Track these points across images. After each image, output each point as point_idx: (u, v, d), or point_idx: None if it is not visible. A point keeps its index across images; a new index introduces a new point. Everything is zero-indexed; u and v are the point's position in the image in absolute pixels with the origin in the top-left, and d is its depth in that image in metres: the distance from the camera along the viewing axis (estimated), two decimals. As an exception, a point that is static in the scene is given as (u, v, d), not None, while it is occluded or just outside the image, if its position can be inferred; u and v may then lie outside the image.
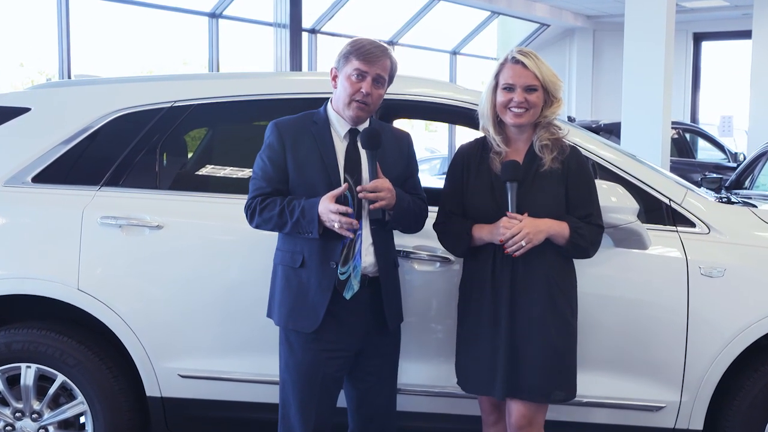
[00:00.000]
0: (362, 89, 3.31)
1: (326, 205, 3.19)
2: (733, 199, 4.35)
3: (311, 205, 3.23)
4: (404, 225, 3.44)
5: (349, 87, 3.32)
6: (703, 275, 3.66)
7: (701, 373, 3.68)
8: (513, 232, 3.22)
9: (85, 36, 11.77)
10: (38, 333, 3.90)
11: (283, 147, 3.36)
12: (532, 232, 3.23)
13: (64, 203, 3.93)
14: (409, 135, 3.59)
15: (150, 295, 3.87)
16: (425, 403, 3.82)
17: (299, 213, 3.24)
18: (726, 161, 13.58)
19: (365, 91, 3.31)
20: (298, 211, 3.24)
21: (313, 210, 3.22)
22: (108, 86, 4.28)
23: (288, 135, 3.38)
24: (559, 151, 3.37)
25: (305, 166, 3.34)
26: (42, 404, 3.92)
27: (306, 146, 3.36)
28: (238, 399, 3.89)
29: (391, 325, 3.43)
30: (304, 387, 3.38)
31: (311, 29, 15.21)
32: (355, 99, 3.32)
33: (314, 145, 3.36)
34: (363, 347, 3.43)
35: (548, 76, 3.35)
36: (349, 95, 3.33)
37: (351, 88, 3.32)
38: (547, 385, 3.32)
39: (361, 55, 3.31)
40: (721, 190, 7.19)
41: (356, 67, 3.31)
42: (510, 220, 3.25)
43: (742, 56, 18.23)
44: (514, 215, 3.26)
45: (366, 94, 3.31)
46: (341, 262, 3.31)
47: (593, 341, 3.67)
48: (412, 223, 3.46)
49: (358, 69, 3.31)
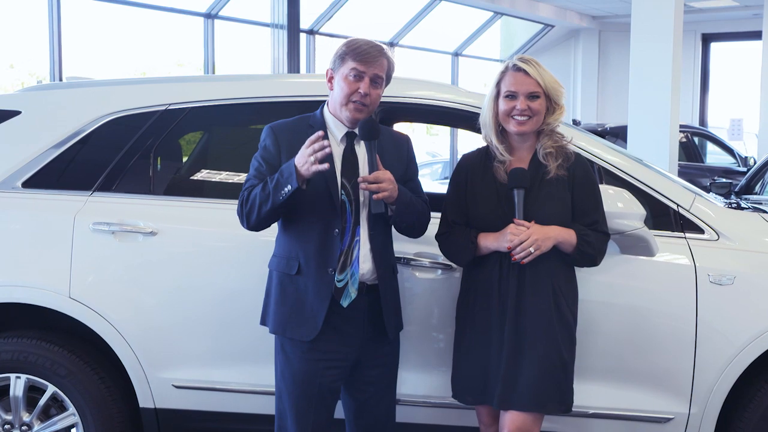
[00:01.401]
0: (360, 89, 3.27)
1: (301, 150, 3.14)
2: (743, 205, 4.32)
3: (288, 163, 3.19)
4: (407, 221, 3.37)
5: (346, 87, 3.28)
6: (712, 283, 3.62)
7: (710, 383, 3.62)
8: (521, 239, 3.22)
9: (77, 37, 11.79)
10: (28, 342, 3.85)
11: (278, 150, 3.32)
12: (541, 239, 3.23)
13: (55, 209, 3.89)
14: (408, 138, 3.56)
15: (143, 304, 3.83)
16: (425, 414, 3.77)
17: (278, 175, 3.19)
18: (736, 165, 13.54)
19: (363, 91, 3.27)
20: (277, 174, 3.20)
21: (290, 164, 3.16)
22: (100, 89, 4.24)
23: (284, 138, 3.34)
24: (564, 159, 3.36)
25: None
26: (32, 416, 3.87)
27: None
28: (234, 410, 3.84)
29: (390, 334, 3.39)
30: (300, 397, 3.33)
31: (309, 30, 15.16)
32: (352, 99, 3.28)
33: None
34: (361, 357, 3.38)
35: (550, 83, 3.33)
36: (346, 95, 3.28)
37: (348, 88, 3.28)
38: (546, 395, 3.29)
39: (357, 55, 3.27)
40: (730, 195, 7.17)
41: (353, 67, 3.27)
42: (518, 227, 3.24)
43: (752, 57, 18.18)
44: (521, 222, 3.25)
45: (364, 95, 3.27)
46: (338, 269, 3.26)
47: (599, 350, 3.64)
48: (416, 221, 3.40)
49: (355, 69, 3.27)
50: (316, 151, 3.09)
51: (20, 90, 4.54)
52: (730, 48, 20.55)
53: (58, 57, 11.05)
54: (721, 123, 18.71)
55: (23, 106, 4.07)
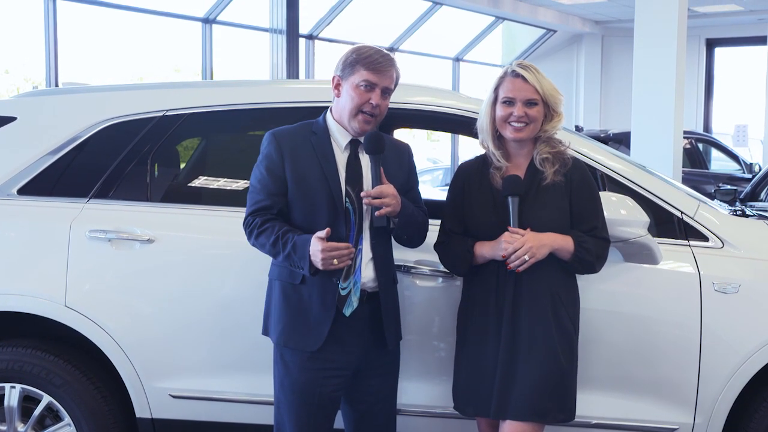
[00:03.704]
0: (371, 101, 3.24)
1: (316, 247, 3.13)
2: (747, 212, 4.30)
3: (303, 242, 3.17)
4: (408, 234, 3.36)
5: (357, 97, 3.25)
6: (716, 291, 3.60)
7: (715, 393, 3.60)
8: (515, 247, 3.19)
9: (73, 42, 11.79)
10: (23, 351, 3.82)
11: (281, 157, 3.29)
12: (535, 247, 3.20)
13: (51, 216, 3.86)
14: (409, 147, 3.53)
15: (140, 312, 3.80)
16: (426, 424, 3.73)
17: (291, 248, 3.18)
18: (740, 172, 13.53)
19: (374, 102, 3.25)
20: (290, 246, 3.18)
21: (304, 248, 3.16)
22: (97, 94, 4.21)
23: (286, 145, 3.31)
24: (561, 164, 3.34)
25: (305, 178, 3.27)
26: (27, 426, 3.83)
27: (306, 157, 3.29)
28: (233, 420, 3.81)
29: (390, 343, 3.36)
30: (300, 407, 3.30)
31: (309, 35, 15.15)
32: (363, 110, 3.25)
33: (314, 156, 3.29)
34: (361, 366, 3.36)
35: (549, 90, 3.31)
36: (357, 106, 3.25)
37: (359, 98, 3.25)
38: (545, 406, 3.26)
39: (369, 64, 3.24)
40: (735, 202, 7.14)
41: (365, 78, 3.24)
42: (512, 235, 3.22)
43: (757, 63, 18.16)
44: (516, 230, 3.23)
45: (375, 106, 3.25)
46: (342, 278, 3.24)
47: (602, 360, 3.62)
48: (416, 233, 3.39)
49: (367, 80, 3.24)
50: (342, 257, 3.13)
51: (16, 96, 4.53)
52: (734, 53, 20.54)
53: (54, 62, 11.04)
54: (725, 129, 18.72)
55: (18, 112, 4.05)
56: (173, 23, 13.46)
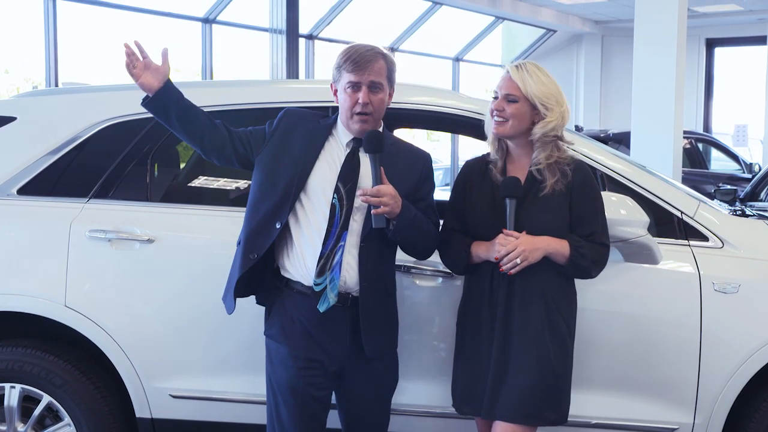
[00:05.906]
0: (359, 100, 3.24)
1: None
2: (747, 212, 4.30)
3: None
4: (409, 240, 3.31)
5: (347, 100, 3.27)
6: (716, 291, 3.59)
7: (715, 393, 3.59)
8: (508, 250, 3.17)
9: (73, 42, 11.77)
10: (23, 351, 3.81)
11: (273, 130, 3.36)
12: (528, 250, 3.18)
13: (50, 216, 3.85)
14: (428, 155, 3.50)
15: (140, 312, 3.79)
16: (426, 424, 3.72)
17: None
18: (740, 172, 13.54)
19: (362, 101, 3.24)
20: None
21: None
22: (97, 94, 4.21)
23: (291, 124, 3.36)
24: (562, 175, 3.29)
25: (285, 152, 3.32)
26: (27, 426, 3.83)
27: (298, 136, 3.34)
28: (233, 420, 3.81)
29: (368, 351, 3.29)
30: (285, 404, 3.28)
31: (309, 35, 15.14)
32: (355, 112, 3.26)
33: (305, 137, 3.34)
34: (346, 369, 3.32)
35: (534, 90, 3.26)
36: (349, 108, 3.27)
37: (349, 100, 3.26)
38: (535, 408, 3.23)
39: (350, 65, 3.25)
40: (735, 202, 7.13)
41: (348, 79, 3.26)
42: (506, 237, 3.19)
43: (757, 62, 18.15)
44: (510, 232, 3.20)
45: (364, 104, 3.24)
46: (317, 273, 3.22)
47: (602, 360, 3.62)
48: (418, 240, 3.33)
49: (350, 81, 3.25)
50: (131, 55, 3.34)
51: (15, 96, 4.54)
52: (734, 53, 20.54)
53: (54, 62, 11.03)
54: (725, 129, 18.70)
55: (18, 112, 4.04)
56: (173, 23, 13.44)
